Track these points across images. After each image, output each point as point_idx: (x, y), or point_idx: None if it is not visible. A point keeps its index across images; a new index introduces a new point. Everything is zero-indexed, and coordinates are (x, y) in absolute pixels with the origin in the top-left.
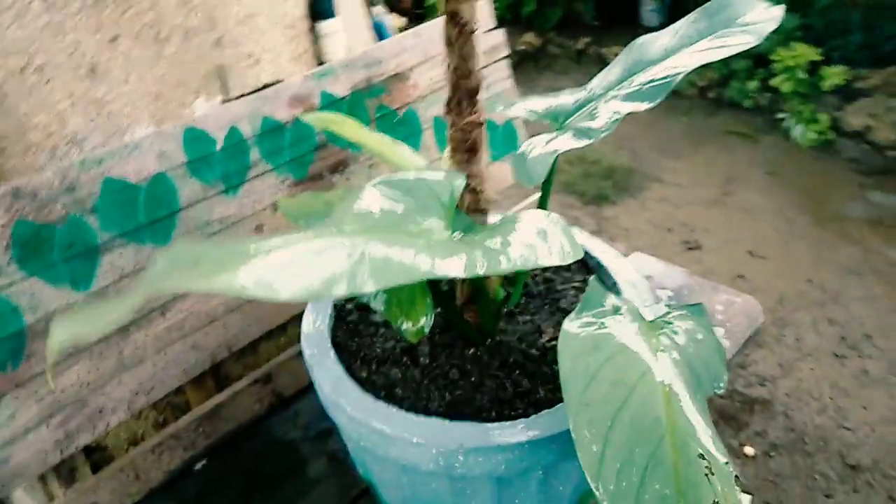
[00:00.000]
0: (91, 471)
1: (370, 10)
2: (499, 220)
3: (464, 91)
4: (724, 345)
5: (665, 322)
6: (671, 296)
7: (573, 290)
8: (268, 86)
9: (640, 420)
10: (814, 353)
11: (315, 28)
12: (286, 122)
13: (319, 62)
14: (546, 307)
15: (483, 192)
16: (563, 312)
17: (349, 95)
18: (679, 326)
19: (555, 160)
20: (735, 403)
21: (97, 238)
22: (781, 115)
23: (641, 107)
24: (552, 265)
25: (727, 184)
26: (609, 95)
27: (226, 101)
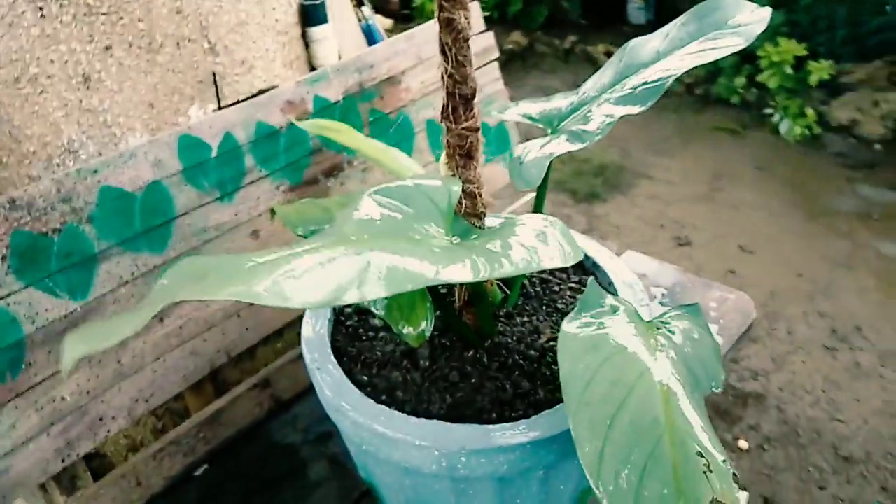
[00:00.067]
0: (92, 478)
1: (362, 14)
2: (498, 224)
3: (459, 97)
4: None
5: (662, 322)
6: (665, 294)
7: (570, 291)
8: (261, 92)
9: (639, 419)
10: (805, 347)
11: (307, 34)
12: (280, 128)
13: (312, 67)
14: (543, 308)
15: (480, 196)
16: (561, 313)
17: (342, 100)
18: (676, 326)
19: (550, 163)
20: (728, 398)
21: (94, 247)
22: (769, 111)
23: (634, 110)
24: (554, 267)
25: (716, 180)
26: (602, 99)
27: (220, 109)
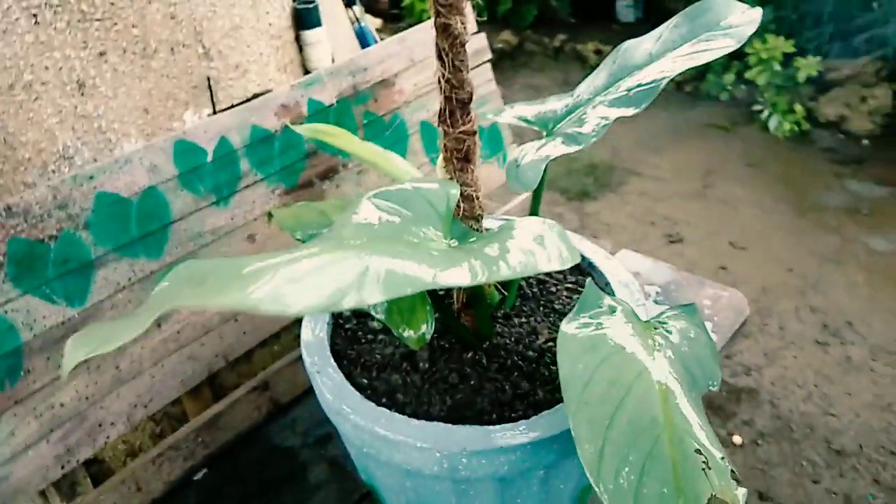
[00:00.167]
0: (92, 484)
1: (354, 14)
2: (497, 228)
3: (456, 101)
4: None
5: (659, 322)
6: (659, 292)
7: (566, 292)
8: (256, 96)
9: (638, 418)
10: (797, 342)
11: (300, 37)
12: (275, 131)
13: (306, 71)
14: (541, 309)
15: (478, 199)
16: (558, 313)
17: (336, 103)
18: (673, 326)
19: (546, 166)
20: (722, 393)
21: (91, 253)
22: (758, 107)
23: (629, 112)
24: (552, 271)
25: (706, 176)
26: (596, 101)
27: (214, 113)
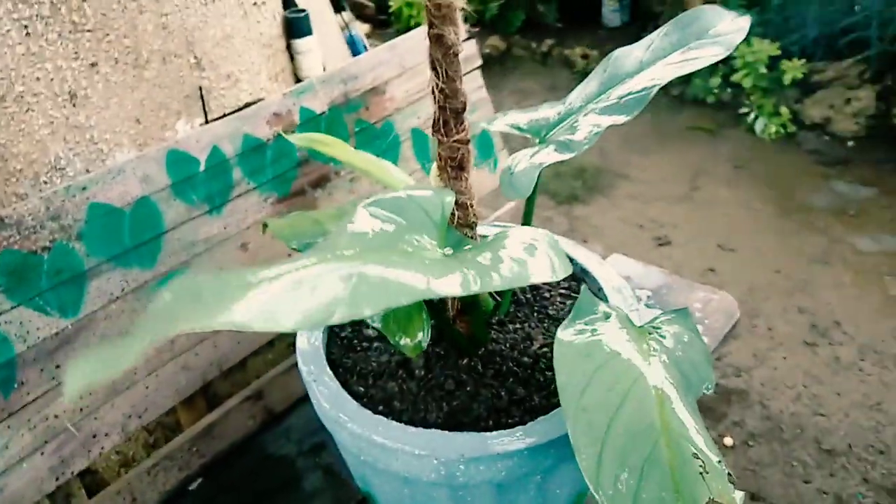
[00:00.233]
0: (86, 496)
1: (343, 20)
2: (490, 235)
3: (450, 111)
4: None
5: (653, 327)
6: (650, 296)
7: (560, 297)
8: (248, 105)
9: (636, 424)
10: (786, 342)
11: (291, 46)
12: (267, 140)
13: (297, 79)
14: (535, 315)
15: (472, 207)
16: (552, 319)
17: (328, 111)
18: (667, 331)
19: (539, 173)
20: (712, 395)
21: (84, 264)
22: (744, 110)
23: (620, 119)
24: (543, 281)
25: (694, 179)
26: (588, 109)
27: (207, 122)
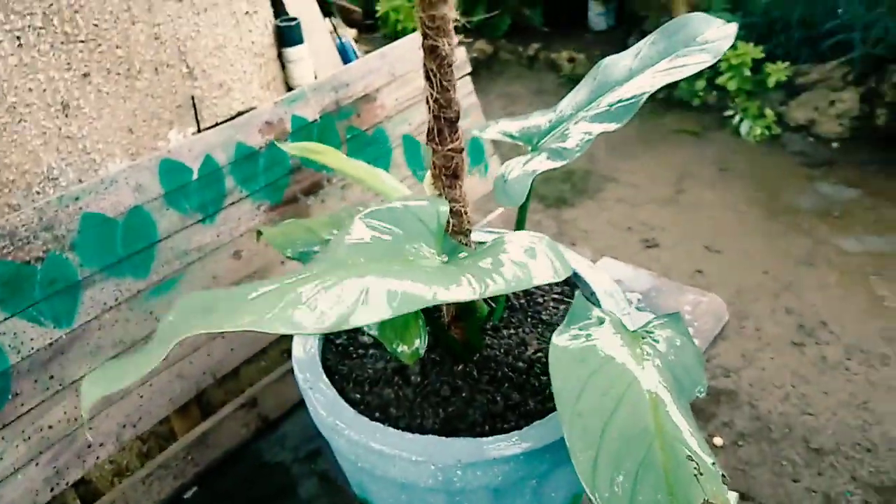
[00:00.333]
0: None
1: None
2: (486, 240)
3: (444, 120)
4: None
5: (646, 331)
6: (640, 299)
7: (553, 302)
8: (240, 114)
9: (630, 427)
10: (774, 343)
11: (283, 55)
12: (259, 148)
13: (289, 88)
14: (529, 320)
15: (466, 214)
16: (546, 324)
17: (319, 119)
18: (660, 335)
19: (533, 181)
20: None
21: (77, 274)
22: (729, 113)
23: (610, 127)
24: (545, 283)
25: (681, 181)
26: (578, 116)
27: (199, 131)
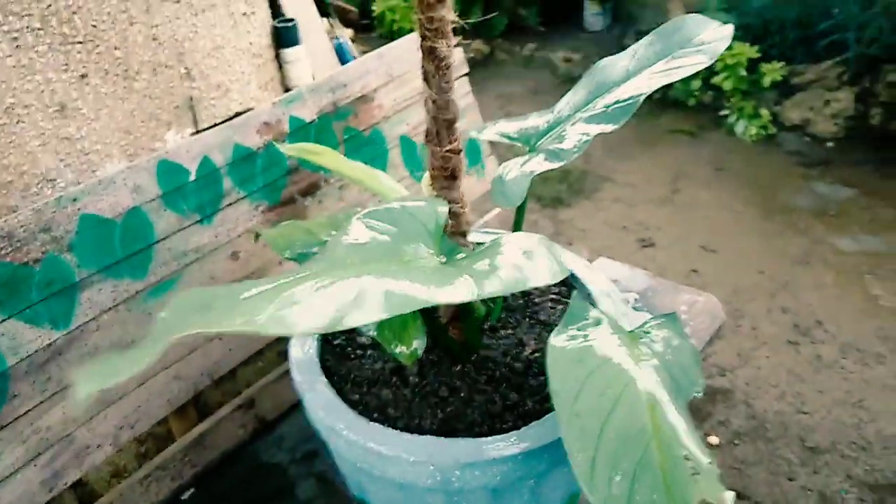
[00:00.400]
0: None
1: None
2: (483, 240)
3: (443, 122)
4: None
5: (644, 332)
6: (637, 299)
7: (550, 303)
8: (238, 114)
9: (628, 428)
10: (769, 342)
11: (280, 55)
12: (257, 149)
13: (286, 88)
14: (526, 320)
15: (464, 215)
16: (543, 324)
17: (317, 119)
18: (657, 335)
19: (530, 181)
20: None
21: (75, 275)
22: (724, 112)
23: (608, 128)
24: (543, 285)
25: (676, 181)
26: (576, 118)
27: (197, 132)
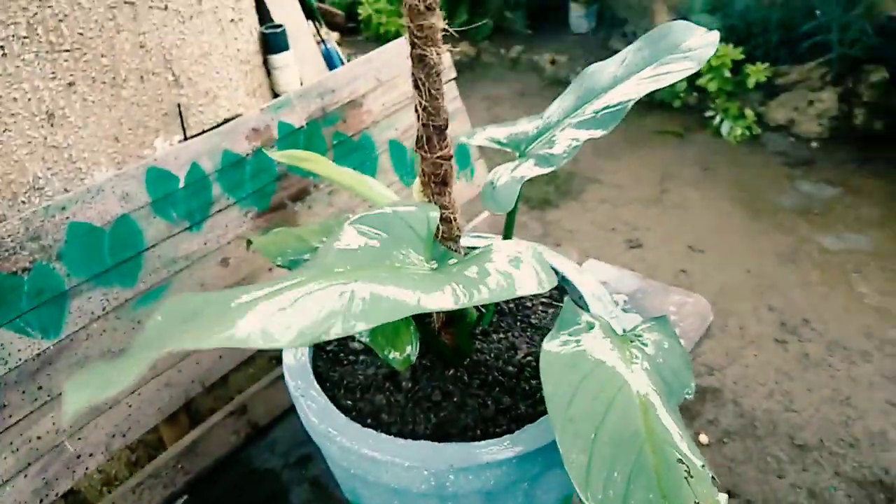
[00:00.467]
0: None
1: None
2: (479, 249)
3: (433, 128)
4: None
5: (635, 335)
6: (626, 300)
7: (541, 306)
8: (226, 121)
9: (621, 431)
10: (757, 341)
11: (268, 61)
12: (246, 155)
13: (275, 94)
14: (518, 324)
15: (455, 221)
16: (535, 328)
17: (306, 125)
18: (648, 338)
19: (521, 187)
20: None
21: (65, 284)
22: (710, 113)
23: (596, 134)
24: (530, 293)
25: (663, 182)
26: (565, 123)
27: (185, 139)
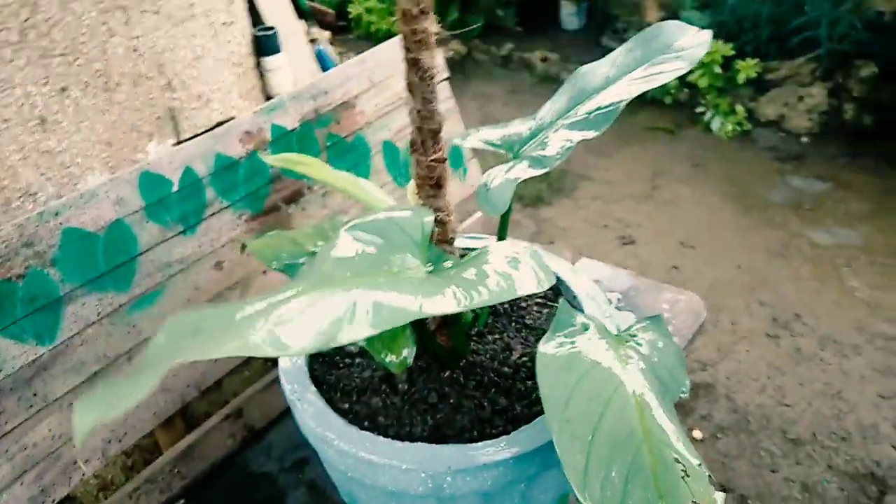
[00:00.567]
0: None
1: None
2: (474, 252)
3: (427, 131)
4: None
5: (630, 335)
6: (620, 298)
7: (536, 307)
8: (219, 124)
9: (618, 432)
10: (749, 336)
11: (261, 64)
12: (239, 158)
13: (268, 96)
14: (513, 325)
15: (450, 223)
16: (530, 329)
17: (299, 127)
18: (643, 338)
19: (515, 188)
20: None
21: (59, 290)
22: (701, 109)
23: (589, 135)
24: (529, 293)
25: (654, 178)
26: (558, 124)
27: (179, 143)
